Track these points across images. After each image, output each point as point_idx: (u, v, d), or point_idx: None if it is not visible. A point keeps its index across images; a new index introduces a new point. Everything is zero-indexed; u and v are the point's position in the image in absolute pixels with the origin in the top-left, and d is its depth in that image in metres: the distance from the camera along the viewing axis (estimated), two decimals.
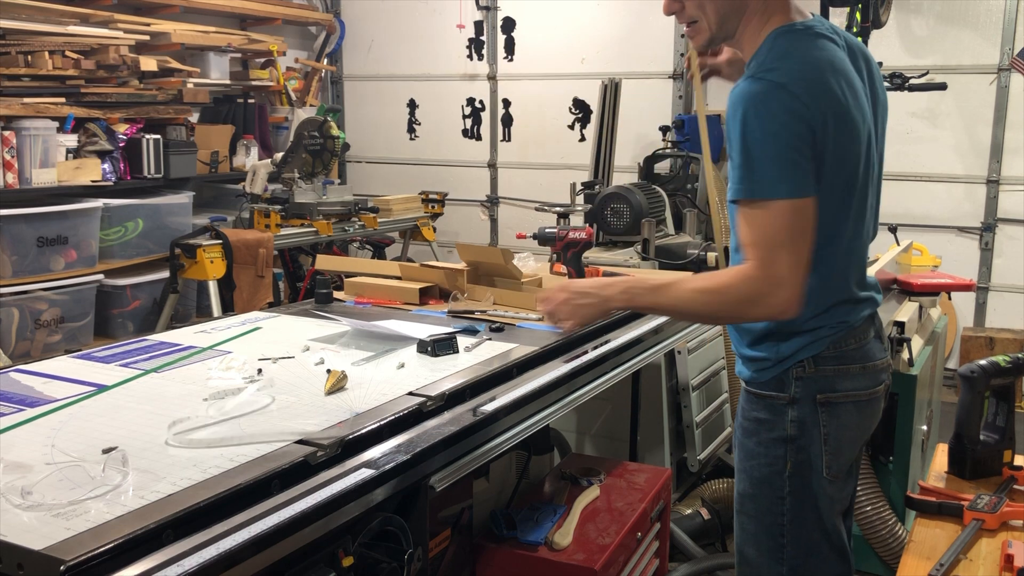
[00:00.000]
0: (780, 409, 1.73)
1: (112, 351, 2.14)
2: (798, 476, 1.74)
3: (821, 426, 1.72)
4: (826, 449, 1.73)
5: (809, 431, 1.72)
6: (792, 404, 1.72)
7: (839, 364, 1.71)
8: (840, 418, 1.73)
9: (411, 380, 1.91)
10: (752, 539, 1.83)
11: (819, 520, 1.75)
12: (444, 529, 2.02)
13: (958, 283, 3.60)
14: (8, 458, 1.45)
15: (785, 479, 1.74)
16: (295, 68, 6.70)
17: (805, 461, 1.73)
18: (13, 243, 4.16)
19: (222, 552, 1.21)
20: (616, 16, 6.15)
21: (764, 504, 1.78)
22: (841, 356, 1.72)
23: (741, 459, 1.83)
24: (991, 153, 5.29)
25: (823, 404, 1.71)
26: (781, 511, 1.76)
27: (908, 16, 5.37)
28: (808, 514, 1.75)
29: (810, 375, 1.71)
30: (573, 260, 2.60)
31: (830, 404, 1.71)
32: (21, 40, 4.33)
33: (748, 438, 1.79)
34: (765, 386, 1.75)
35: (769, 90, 1.53)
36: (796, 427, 1.72)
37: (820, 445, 1.73)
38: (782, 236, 1.52)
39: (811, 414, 1.71)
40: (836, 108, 1.55)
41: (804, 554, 1.76)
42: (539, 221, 3.45)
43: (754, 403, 1.78)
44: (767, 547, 1.79)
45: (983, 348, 5.24)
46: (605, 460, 2.77)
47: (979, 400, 1.96)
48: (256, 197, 4.65)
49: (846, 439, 1.75)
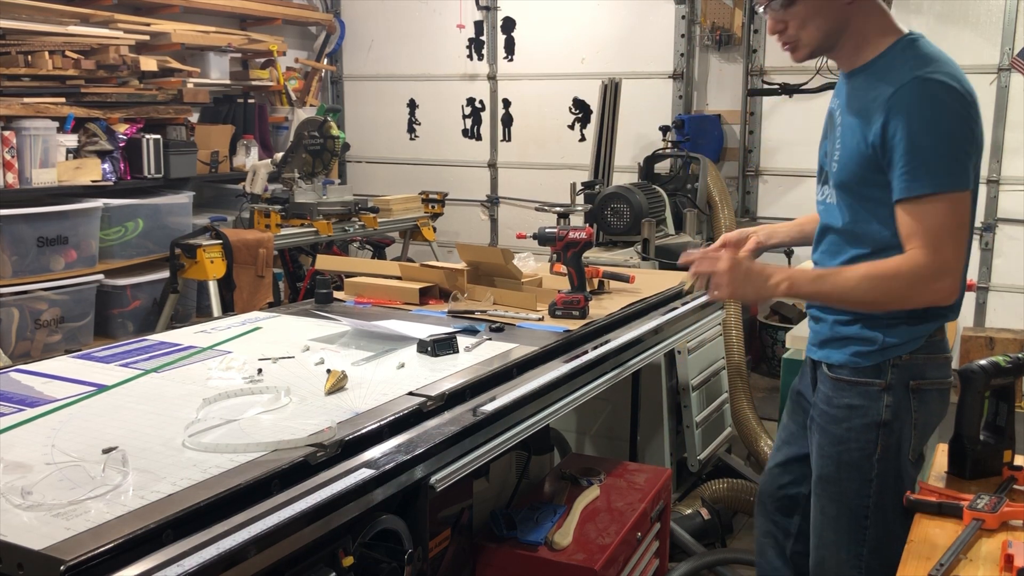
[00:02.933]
0: (875, 395, 1.81)
1: (112, 351, 2.14)
2: (886, 459, 1.83)
3: (912, 411, 1.82)
4: (915, 433, 1.83)
5: (902, 416, 1.82)
6: (887, 390, 1.81)
7: (929, 353, 1.82)
8: (928, 404, 1.84)
9: (411, 380, 1.91)
10: (832, 523, 1.89)
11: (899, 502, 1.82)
12: (444, 529, 2.02)
13: None
14: (8, 458, 1.45)
15: (875, 462, 1.83)
16: (295, 68, 6.70)
17: (895, 445, 1.83)
18: (13, 243, 4.16)
19: (222, 552, 1.21)
20: (616, 16, 6.15)
21: (851, 487, 1.86)
22: (931, 346, 1.82)
23: (825, 445, 1.89)
24: (991, 153, 5.29)
25: (915, 391, 1.81)
26: (868, 493, 1.84)
27: (908, 16, 5.36)
28: (891, 497, 1.83)
29: (905, 363, 1.80)
30: (573, 260, 2.60)
31: (920, 391, 1.82)
32: (21, 40, 4.33)
33: (836, 425, 1.86)
34: (861, 372, 1.82)
35: (941, 89, 1.62)
36: (891, 412, 1.81)
37: (910, 429, 1.83)
38: (950, 226, 1.62)
39: (904, 400, 1.81)
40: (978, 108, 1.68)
41: (885, 534, 1.84)
42: (539, 221, 3.46)
43: (844, 390, 1.85)
44: (848, 528, 1.87)
45: (983, 348, 5.24)
46: (605, 460, 2.77)
47: (979, 400, 1.96)
48: (256, 197, 4.65)
49: (931, 424, 1.88)
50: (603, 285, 2.92)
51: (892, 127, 1.66)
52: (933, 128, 1.62)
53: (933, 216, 1.63)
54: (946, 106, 1.63)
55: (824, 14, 1.76)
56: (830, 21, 1.77)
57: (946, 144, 1.62)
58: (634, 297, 2.82)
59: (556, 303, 2.54)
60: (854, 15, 1.77)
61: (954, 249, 1.65)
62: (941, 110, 1.62)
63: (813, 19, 1.77)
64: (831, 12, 1.76)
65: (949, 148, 1.62)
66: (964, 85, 1.67)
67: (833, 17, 1.76)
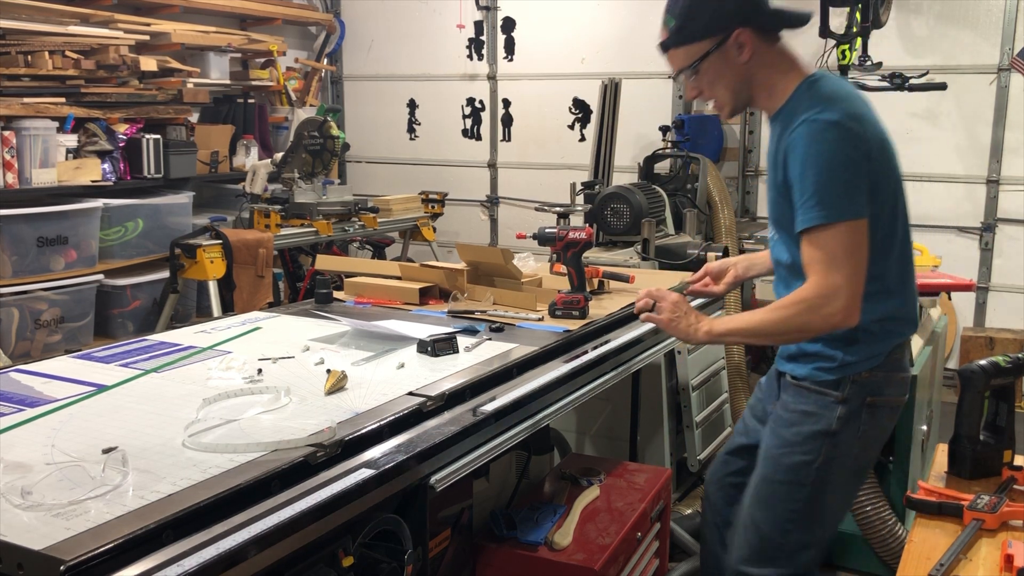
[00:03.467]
0: (830, 405, 1.88)
1: (112, 351, 2.14)
2: (825, 468, 1.89)
3: (862, 426, 1.89)
4: (859, 445, 1.91)
5: (851, 429, 1.88)
6: (843, 403, 1.88)
7: (888, 371, 1.89)
8: (879, 420, 1.91)
9: (411, 380, 1.91)
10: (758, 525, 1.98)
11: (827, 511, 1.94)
12: (444, 529, 2.02)
13: (958, 283, 3.60)
14: (8, 458, 1.45)
15: (813, 469, 1.89)
16: (295, 68, 6.69)
17: (836, 456, 1.89)
18: (13, 243, 4.16)
19: (222, 552, 1.21)
20: (616, 16, 6.15)
21: (784, 490, 1.94)
22: (890, 364, 1.90)
23: (772, 447, 1.97)
24: (991, 153, 5.29)
25: (869, 406, 1.88)
26: (799, 498, 1.92)
27: (908, 16, 5.36)
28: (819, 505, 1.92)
29: (865, 379, 1.88)
30: (573, 260, 2.60)
31: (875, 406, 1.89)
32: (21, 40, 4.33)
33: (787, 428, 1.93)
34: (822, 384, 1.89)
35: (825, 128, 1.74)
36: (841, 423, 1.88)
37: (856, 442, 1.90)
38: (840, 252, 1.72)
39: (857, 413, 1.88)
40: (879, 134, 1.80)
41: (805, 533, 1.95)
42: (539, 221, 3.46)
43: (803, 397, 1.92)
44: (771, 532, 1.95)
45: (983, 348, 5.23)
46: (605, 460, 2.77)
47: (979, 400, 1.96)
48: (256, 197, 4.64)
49: (878, 440, 1.96)
50: (603, 285, 2.92)
51: (790, 168, 1.79)
52: (818, 164, 1.73)
53: (823, 245, 1.73)
54: (830, 143, 1.73)
55: (726, 75, 1.89)
56: (734, 80, 1.90)
57: (832, 177, 1.72)
58: (634, 297, 2.82)
59: (556, 303, 2.54)
60: (755, 69, 1.89)
61: (846, 275, 1.72)
62: (825, 147, 1.73)
63: (719, 81, 1.91)
64: (731, 72, 1.89)
65: (835, 181, 1.72)
66: (854, 121, 1.76)
67: (735, 76, 1.89)
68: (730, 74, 1.89)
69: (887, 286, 1.87)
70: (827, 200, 1.73)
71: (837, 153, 1.73)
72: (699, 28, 1.88)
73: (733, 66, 1.88)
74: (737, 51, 1.86)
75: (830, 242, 1.73)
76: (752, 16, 1.85)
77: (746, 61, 1.87)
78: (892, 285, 1.88)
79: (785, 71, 1.89)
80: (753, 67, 1.88)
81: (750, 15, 1.85)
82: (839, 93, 1.81)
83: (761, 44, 1.87)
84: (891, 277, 1.88)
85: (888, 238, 1.85)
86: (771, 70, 1.89)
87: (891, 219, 1.85)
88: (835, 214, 1.73)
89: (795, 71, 1.89)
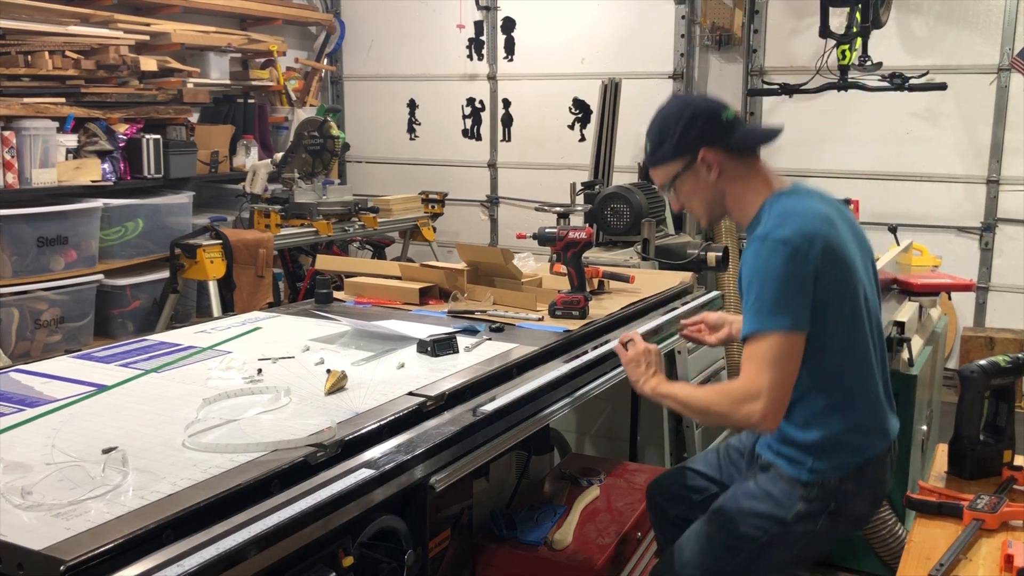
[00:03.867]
0: (794, 499, 1.92)
1: (112, 351, 2.14)
2: (767, 548, 1.95)
3: (818, 527, 1.92)
4: (806, 541, 1.95)
5: (805, 525, 1.92)
6: (806, 501, 1.91)
7: (859, 483, 1.92)
8: (836, 527, 1.95)
9: (411, 380, 1.91)
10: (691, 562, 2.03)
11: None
12: (444, 529, 2.02)
13: (958, 283, 3.60)
14: (8, 458, 1.45)
15: (755, 547, 1.95)
16: (295, 68, 6.69)
17: (781, 543, 1.95)
18: (13, 243, 4.16)
19: (222, 552, 1.21)
20: (616, 16, 6.14)
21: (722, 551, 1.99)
22: (862, 477, 1.92)
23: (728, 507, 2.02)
24: (991, 153, 5.29)
25: (832, 513, 1.92)
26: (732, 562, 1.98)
27: (908, 16, 5.36)
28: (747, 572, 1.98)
29: (833, 487, 1.91)
30: (573, 260, 2.60)
31: (836, 515, 1.92)
32: (21, 40, 4.33)
33: (747, 499, 1.98)
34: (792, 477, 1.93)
35: (775, 246, 1.83)
36: (797, 518, 1.91)
37: (804, 538, 1.94)
38: (768, 360, 1.80)
39: (815, 516, 1.92)
40: (833, 251, 1.85)
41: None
42: (539, 221, 3.45)
43: (773, 482, 1.96)
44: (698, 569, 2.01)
45: (983, 348, 5.23)
46: (605, 460, 2.77)
47: (979, 400, 1.96)
48: (256, 197, 4.64)
49: (825, 543, 2.00)
50: (603, 285, 2.92)
51: (742, 279, 1.91)
52: (762, 278, 1.83)
53: (754, 351, 1.83)
54: (775, 259, 1.82)
55: (698, 191, 2.00)
56: (706, 195, 2.00)
57: (772, 290, 1.82)
58: (634, 297, 2.83)
59: (556, 303, 2.54)
60: (725, 186, 1.98)
61: (769, 381, 1.79)
62: (770, 263, 1.82)
63: (693, 196, 2.02)
64: (703, 189, 1.99)
65: (775, 294, 1.81)
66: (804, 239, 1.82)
67: (707, 192, 1.99)
68: (702, 190, 2.00)
69: (847, 398, 1.91)
70: (764, 311, 1.82)
71: (780, 269, 1.82)
72: (668, 150, 1.99)
73: (704, 183, 1.98)
74: (707, 170, 1.96)
75: (762, 349, 1.82)
76: (717, 138, 1.95)
77: (716, 179, 1.97)
78: (854, 396, 1.92)
79: (756, 188, 1.98)
80: (723, 184, 1.98)
81: (715, 137, 1.95)
82: (796, 210, 1.89)
83: (730, 162, 1.96)
84: (853, 388, 1.92)
85: (847, 350, 1.90)
86: (741, 186, 1.98)
87: (850, 330, 1.90)
88: (769, 324, 1.82)
89: (765, 187, 1.98)
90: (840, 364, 1.90)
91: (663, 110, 2.03)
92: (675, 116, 1.98)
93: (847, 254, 1.89)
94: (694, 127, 1.95)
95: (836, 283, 1.86)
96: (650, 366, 2.05)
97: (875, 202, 5.39)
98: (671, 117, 1.99)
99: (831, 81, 4.74)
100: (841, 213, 2.00)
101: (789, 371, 1.82)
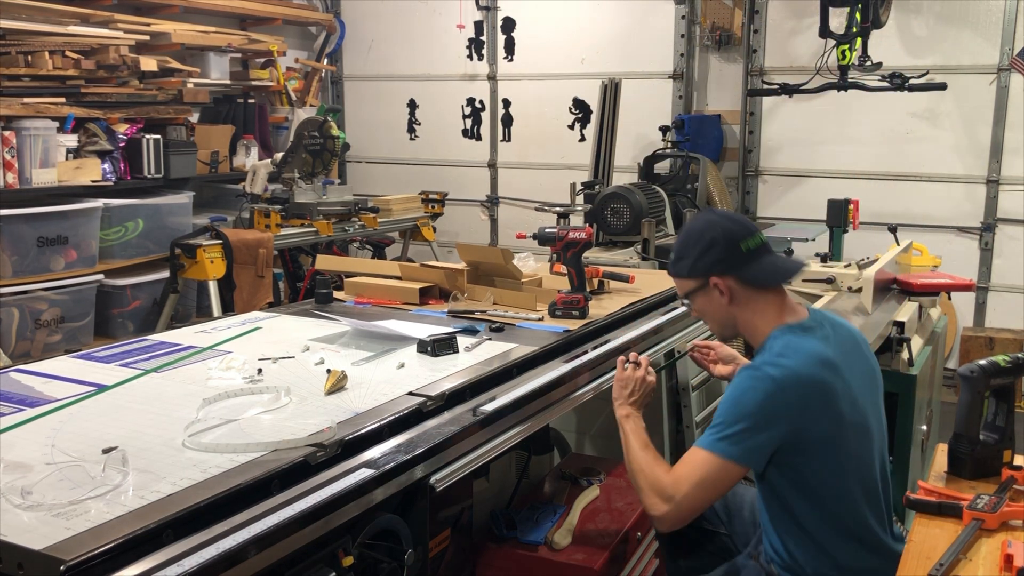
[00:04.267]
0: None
1: (112, 351, 2.14)
2: None
3: None
4: None
5: None
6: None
7: None
8: None
9: (411, 380, 1.91)
10: None
11: None
12: (444, 529, 2.01)
13: (958, 283, 3.60)
14: (8, 458, 1.45)
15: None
16: (295, 68, 6.69)
17: None
18: (13, 243, 4.16)
19: (222, 552, 1.21)
20: (616, 16, 6.14)
21: None
22: None
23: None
24: (991, 153, 5.29)
25: None
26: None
27: (908, 16, 5.36)
28: None
29: None
30: (573, 260, 2.60)
31: None
32: (21, 40, 4.33)
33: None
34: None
35: (758, 381, 1.86)
36: None
37: None
38: (698, 477, 1.86)
39: None
40: (823, 395, 1.87)
41: None
42: (539, 221, 3.45)
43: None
44: None
45: (983, 348, 5.23)
46: (605, 460, 2.77)
47: (979, 400, 1.96)
48: (256, 197, 4.64)
49: None
50: (603, 285, 2.92)
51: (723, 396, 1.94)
52: (730, 402, 1.88)
53: (693, 460, 1.88)
54: (753, 392, 1.85)
55: (710, 310, 2.04)
56: (718, 316, 2.04)
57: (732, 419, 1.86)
58: (634, 297, 2.83)
59: (556, 303, 2.54)
60: (737, 311, 2.01)
61: (686, 493, 1.86)
62: (747, 394, 1.86)
63: (706, 313, 2.07)
64: (716, 309, 2.03)
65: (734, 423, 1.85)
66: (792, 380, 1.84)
67: (719, 313, 2.03)
68: (714, 311, 2.03)
69: (818, 542, 1.92)
70: (719, 433, 1.86)
71: (753, 404, 1.85)
72: (685, 268, 2.03)
73: (716, 305, 2.02)
74: (719, 294, 1.99)
75: (698, 463, 1.87)
76: (731, 267, 1.97)
77: (727, 303, 2.00)
78: (824, 543, 1.92)
79: (767, 317, 1.99)
80: (735, 309, 2.00)
81: (729, 267, 1.97)
82: (796, 349, 1.90)
83: (744, 291, 1.98)
84: (821, 534, 1.92)
85: (818, 494, 1.91)
86: (751, 313, 2.00)
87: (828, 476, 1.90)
88: (717, 447, 1.85)
89: (776, 317, 1.99)
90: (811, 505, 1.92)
91: (689, 225, 2.06)
92: (696, 236, 2.00)
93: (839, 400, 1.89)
94: (710, 253, 1.97)
95: (821, 422, 1.87)
96: (632, 394, 2.12)
97: (875, 202, 5.39)
98: (692, 236, 2.01)
99: (831, 81, 4.74)
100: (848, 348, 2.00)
101: (711, 495, 1.90)
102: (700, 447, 1.88)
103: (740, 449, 1.85)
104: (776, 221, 5.75)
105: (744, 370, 1.93)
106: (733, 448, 1.85)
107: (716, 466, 1.85)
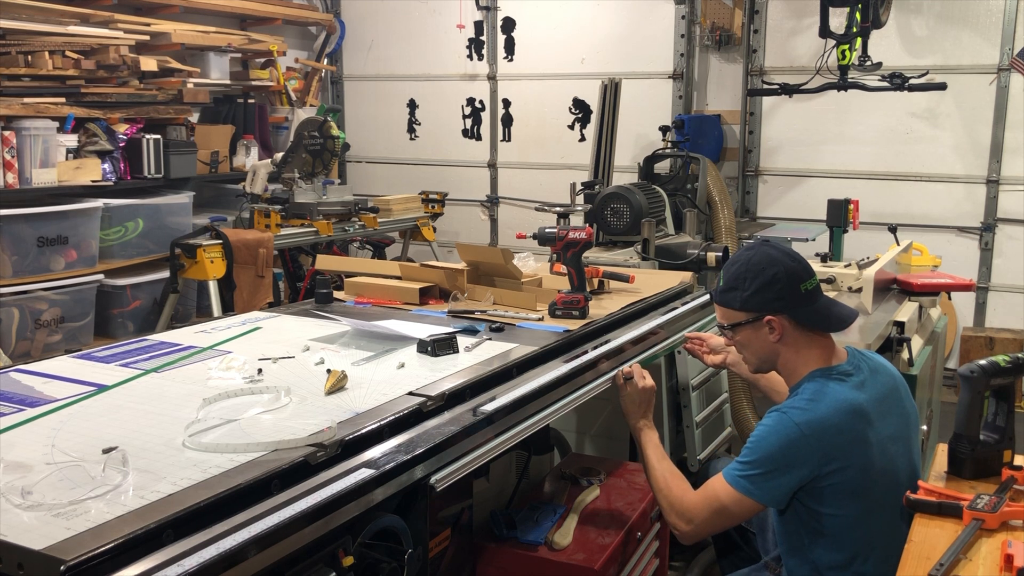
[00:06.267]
0: None
1: (112, 351, 2.14)
2: None
3: None
4: None
5: None
6: None
7: None
8: None
9: (411, 380, 1.91)
10: None
11: None
12: (444, 529, 2.01)
13: (958, 283, 3.60)
14: (8, 458, 1.45)
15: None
16: (295, 68, 6.69)
17: None
18: (13, 243, 4.16)
19: (222, 552, 1.20)
20: (616, 16, 6.15)
21: None
22: None
23: None
24: (991, 153, 5.29)
25: None
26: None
27: (908, 16, 5.37)
28: None
29: None
30: (573, 260, 2.60)
31: None
32: (21, 40, 4.33)
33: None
34: None
35: (784, 426, 1.89)
36: None
37: None
38: (717, 505, 1.94)
39: None
40: (848, 444, 1.88)
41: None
42: (539, 221, 3.45)
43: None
44: None
45: (983, 348, 5.24)
46: (605, 460, 2.77)
47: (979, 400, 1.96)
48: (256, 197, 4.64)
49: None
50: (603, 285, 2.92)
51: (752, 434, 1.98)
52: (756, 442, 1.92)
53: (716, 488, 1.95)
54: (778, 436, 1.89)
55: (754, 345, 2.04)
56: (761, 351, 2.04)
57: (755, 459, 1.91)
58: (634, 297, 2.82)
59: (556, 303, 2.54)
60: (781, 349, 2.01)
61: (705, 519, 1.96)
62: (773, 437, 1.90)
63: (747, 347, 2.06)
64: (760, 345, 2.03)
65: (757, 463, 1.90)
66: (816, 428, 1.87)
67: (763, 349, 2.03)
68: (758, 346, 2.03)
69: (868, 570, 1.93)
70: (739, 468, 1.92)
71: (775, 448, 1.89)
72: (738, 300, 2.00)
73: (762, 341, 2.01)
74: (769, 331, 1.99)
75: (720, 492, 1.94)
76: (788, 307, 1.96)
77: (775, 342, 2.00)
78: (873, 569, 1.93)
79: (808, 360, 2.00)
80: (780, 347, 2.00)
81: (788, 307, 1.96)
82: (824, 394, 1.91)
83: (794, 331, 1.98)
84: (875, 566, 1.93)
85: (839, 537, 1.93)
86: (797, 355, 2.00)
87: (848, 524, 1.91)
88: (739, 482, 1.91)
89: (816, 360, 1.99)
90: (830, 547, 1.94)
91: (747, 256, 2.01)
92: (756, 270, 1.96)
93: (867, 449, 1.89)
94: (770, 290, 1.95)
95: (846, 476, 1.88)
96: (642, 404, 2.19)
97: (875, 202, 5.39)
98: (752, 269, 1.97)
99: (831, 81, 4.74)
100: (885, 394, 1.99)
101: (728, 523, 1.99)
102: (724, 478, 1.93)
103: (760, 490, 1.90)
104: (776, 221, 5.76)
105: (773, 411, 1.95)
106: (753, 488, 1.90)
107: (735, 500, 1.91)
